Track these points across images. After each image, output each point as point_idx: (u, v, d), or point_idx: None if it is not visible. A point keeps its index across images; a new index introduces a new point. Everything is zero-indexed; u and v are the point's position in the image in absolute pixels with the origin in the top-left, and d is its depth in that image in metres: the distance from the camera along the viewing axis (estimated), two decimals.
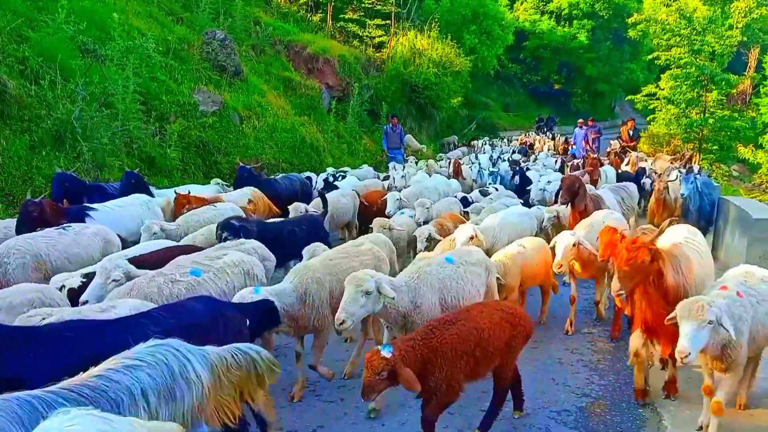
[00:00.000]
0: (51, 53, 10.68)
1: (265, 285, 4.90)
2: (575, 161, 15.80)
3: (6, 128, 9.39)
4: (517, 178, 12.72)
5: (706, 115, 20.93)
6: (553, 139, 26.19)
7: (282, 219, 7.99)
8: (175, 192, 8.59)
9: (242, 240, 5.74)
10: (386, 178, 13.24)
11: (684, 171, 11.00)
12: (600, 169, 12.87)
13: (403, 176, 12.18)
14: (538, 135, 29.88)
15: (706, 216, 9.66)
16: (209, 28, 17.12)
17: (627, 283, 4.47)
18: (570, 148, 21.38)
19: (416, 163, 16.21)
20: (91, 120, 10.23)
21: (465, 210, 9.33)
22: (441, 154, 22.04)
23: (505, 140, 29.53)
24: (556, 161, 17.33)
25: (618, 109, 52.20)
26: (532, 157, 20.00)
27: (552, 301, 6.73)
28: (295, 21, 24.71)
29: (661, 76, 23.69)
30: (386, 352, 3.48)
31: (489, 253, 6.19)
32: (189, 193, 8.54)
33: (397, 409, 4.68)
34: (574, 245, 5.85)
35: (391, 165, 14.80)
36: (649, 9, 26.49)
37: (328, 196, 8.58)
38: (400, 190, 10.50)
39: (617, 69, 45.22)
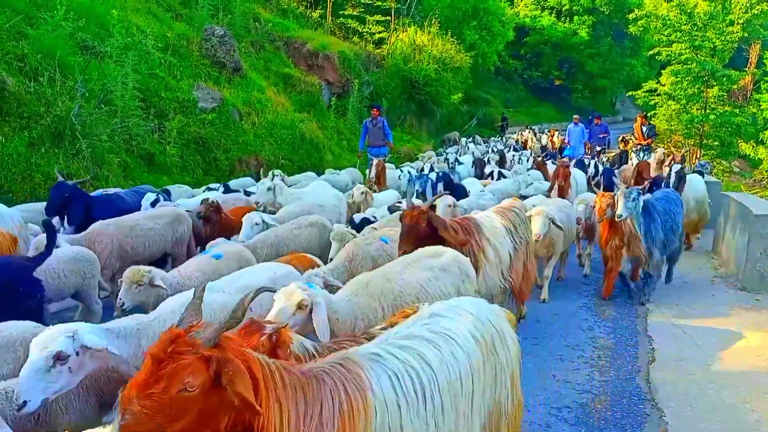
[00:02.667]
0: (50, 50, 10.64)
1: None
2: (537, 159, 14.46)
3: (5, 125, 9.36)
4: (440, 186, 9.93)
5: (707, 110, 20.87)
6: (552, 137, 26.03)
7: None
8: None
9: None
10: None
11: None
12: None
13: (270, 188, 8.42)
14: (502, 134, 29.63)
15: (660, 245, 6.88)
16: (208, 24, 17.08)
17: None
18: (565, 147, 19.13)
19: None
20: (90, 117, 10.23)
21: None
22: (440, 149, 22.00)
23: (503, 138, 29.49)
24: (530, 163, 15.45)
25: (619, 105, 52.27)
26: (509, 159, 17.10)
27: (554, 289, 6.17)
28: (295, 17, 24.67)
29: (662, 71, 23.68)
30: None
31: None
32: None
33: None
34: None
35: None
36: (649, 5, 26.42)
37: (127, 217, 6.38)
38: (268, 210, 7.99)
39: (618, 65, 45.29)
